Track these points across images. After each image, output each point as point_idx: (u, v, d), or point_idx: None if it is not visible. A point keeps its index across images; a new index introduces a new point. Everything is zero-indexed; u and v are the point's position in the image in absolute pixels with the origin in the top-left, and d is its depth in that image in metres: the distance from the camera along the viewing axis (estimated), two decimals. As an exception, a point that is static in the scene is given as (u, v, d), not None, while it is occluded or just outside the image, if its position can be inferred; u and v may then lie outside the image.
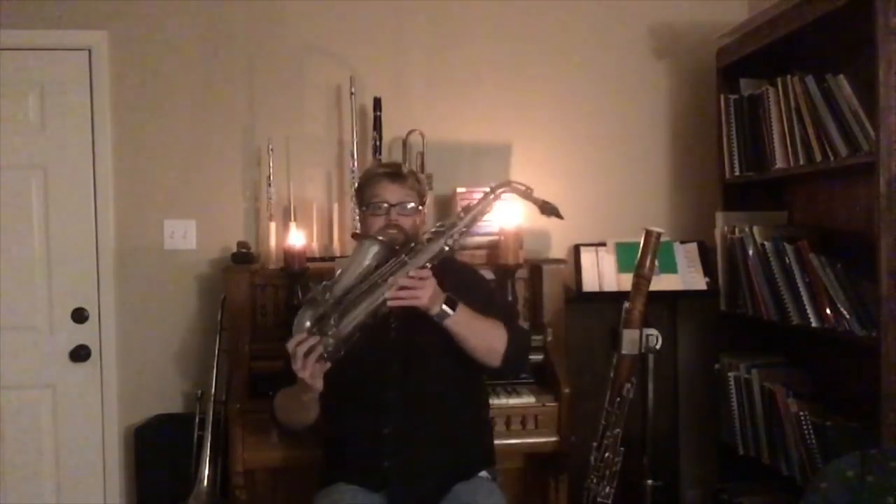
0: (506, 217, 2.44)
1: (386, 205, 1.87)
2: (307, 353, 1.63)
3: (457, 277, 1.89)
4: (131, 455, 2.71)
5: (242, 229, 2.79)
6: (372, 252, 1.72)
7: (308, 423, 1.84)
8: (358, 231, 2.05)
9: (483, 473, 1.91)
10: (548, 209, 1.80)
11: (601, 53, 2.90)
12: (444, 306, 1.73)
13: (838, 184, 2.36)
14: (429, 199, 2.69)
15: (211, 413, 2.56)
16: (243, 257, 2.61)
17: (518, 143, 2.87)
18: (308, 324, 1.67)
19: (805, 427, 2.18)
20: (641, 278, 2.04)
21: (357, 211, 2.07)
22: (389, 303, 1.68)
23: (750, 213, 2.57)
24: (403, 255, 1.71)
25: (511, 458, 2.41)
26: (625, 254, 2.56)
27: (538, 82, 2.88)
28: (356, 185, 2.00)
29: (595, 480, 2.06)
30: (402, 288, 1.68)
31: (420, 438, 1.81)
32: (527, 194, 1.80)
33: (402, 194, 1.89)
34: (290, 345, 1.64)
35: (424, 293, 1.69)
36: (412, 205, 1.90)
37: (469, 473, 1.88)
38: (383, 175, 1.91)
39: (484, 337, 1.81)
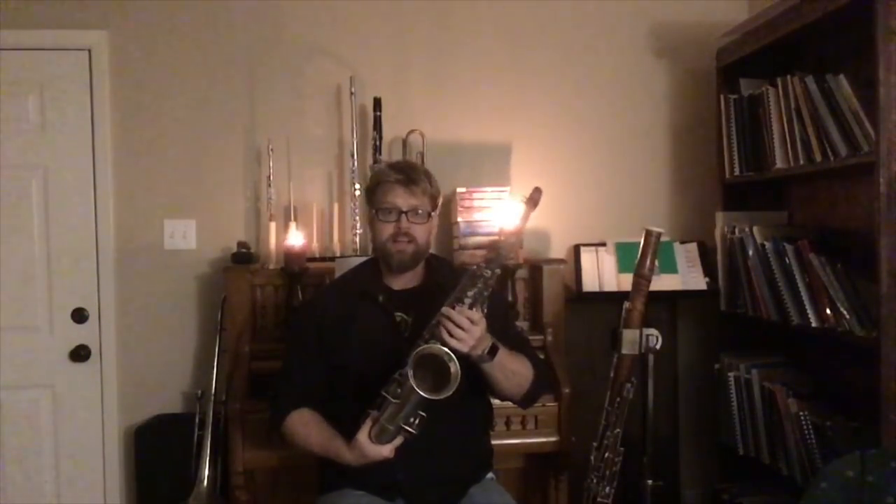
0: (506, 217, 2.44)
1: (396, 211, 1.81)
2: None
3: None
4: (131, 455, 2.71)
5: (242, 229, 2.78)
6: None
7: None
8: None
9: (490, 475, 1.92)
10: (532, 199, 1.75)
11: (601, 53, 2.90)
12: (487, 351, 1.67)
13: (838, 184, 2.37)
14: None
15: (211, 413, 2.56)
16: (243, 257, 2.61)
17: (518, 143, 2.87)
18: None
19: (805, 427, 2.18)
20: (641, 278, 2.04)
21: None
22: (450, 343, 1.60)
23: (750, 213, 2.57)
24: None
25: (511, 458, 2.42)
26: (625, 254, 2.56)
27: (538, 82, 2.88)
28: (367, 185, 1.94)
29: (595, 480, 2.06)
30: (451, 324, 1.60)
31: (433, 448, 1.75)
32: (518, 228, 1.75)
33: (415, 200, 1.82)
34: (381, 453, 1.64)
35: (472, 338, 1.61)
36: (424, 211, 1.83)
37: (479, 477, 1.88)
38: (395, 181, 1.82)
39: (513, 377, 1.78)
